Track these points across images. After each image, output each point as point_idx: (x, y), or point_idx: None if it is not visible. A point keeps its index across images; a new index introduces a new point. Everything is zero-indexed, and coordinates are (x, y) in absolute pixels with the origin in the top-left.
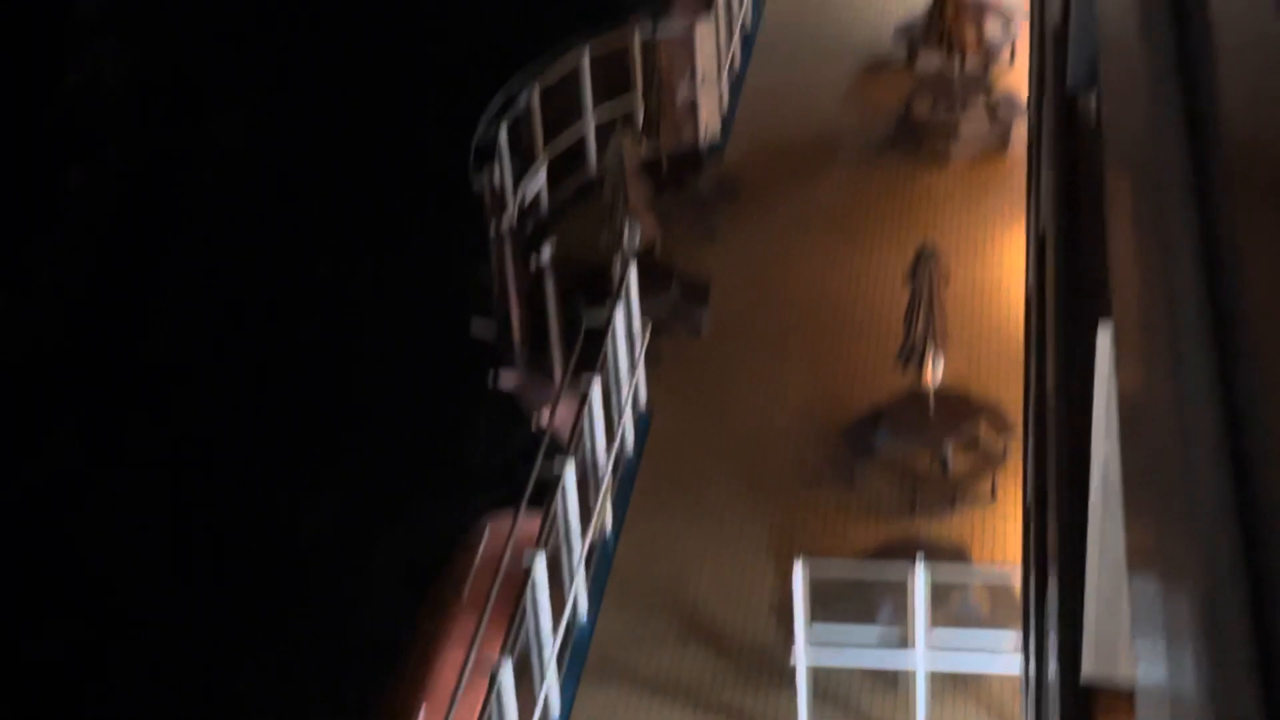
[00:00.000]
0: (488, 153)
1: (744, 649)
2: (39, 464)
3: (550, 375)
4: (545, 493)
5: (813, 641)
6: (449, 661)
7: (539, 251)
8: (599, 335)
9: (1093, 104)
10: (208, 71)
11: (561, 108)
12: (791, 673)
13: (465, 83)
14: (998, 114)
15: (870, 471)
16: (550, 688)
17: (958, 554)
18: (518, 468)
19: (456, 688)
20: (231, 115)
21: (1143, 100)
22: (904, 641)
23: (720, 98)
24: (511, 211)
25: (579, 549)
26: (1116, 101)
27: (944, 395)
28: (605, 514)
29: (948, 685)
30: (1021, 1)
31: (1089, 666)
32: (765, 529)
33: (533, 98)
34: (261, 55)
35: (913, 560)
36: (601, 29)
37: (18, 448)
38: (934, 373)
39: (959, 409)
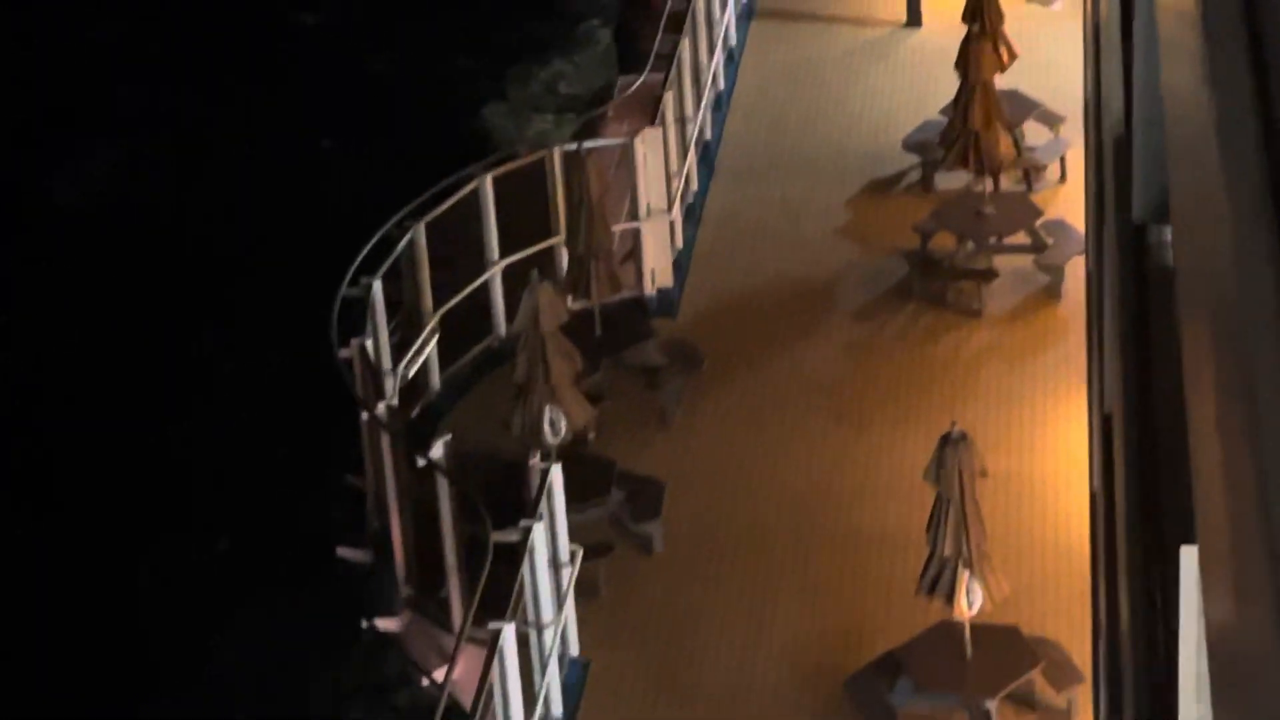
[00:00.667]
0: (358, 313)
1: None
2: None
3: (447, 617)
4: None
5: None
6: None
7: (428, 445)
8: (512, 560)
9: (1166, 239)
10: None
11: (457, 251)
12: None
13: (330, 223)
14: (1045, 250)
15: None
16: None
17: None
18: None
19: None
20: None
21: (1227, 246)
22: None
23: (672, 233)
24: (391, 391)
25: None
26: (1193, 243)
27: (984, 632)
28: None
29: None
30: (1073, 100)
31: None
32: None
33: (418, 239)
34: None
35: None
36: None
37: None
38: (970, 601)
39: (1005, 651)
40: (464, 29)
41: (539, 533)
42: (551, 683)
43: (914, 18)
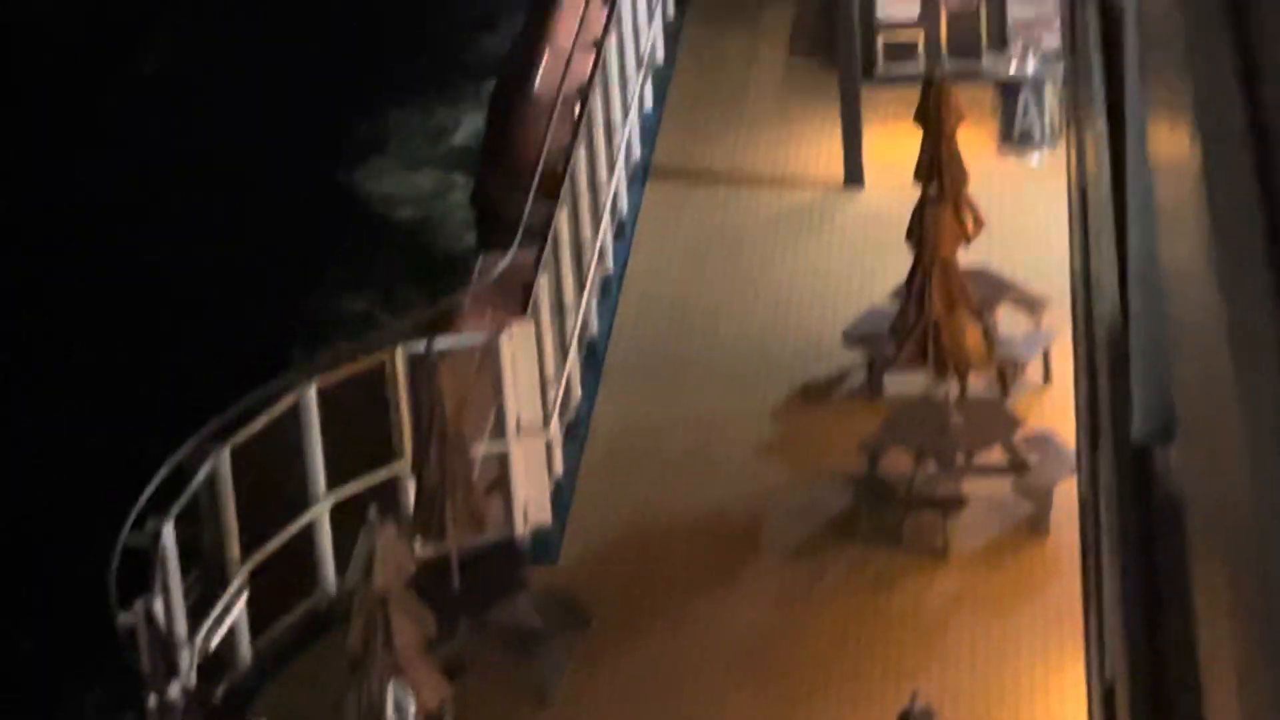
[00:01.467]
0: (143, 566)
1: None
2: None
3: None
4: None
5: None
6: None
7: None
8: None
9: (1173, 464)
10: None
11: (272, 483)
12: None
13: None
14: (1027, 471)
15: None
16: None
17: None
18: None
19: None
20: None
21: (1245, 478)
22: None
23: (549, 456)
24: (186, 668)
25: None
26: (1205, 472)
27: None
28: None
29: None
30: (1059, 281)
31: None
32: None
33: (220, 468)
34: None
35: None
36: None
37: None
38: None
39: None
40: (330, 76)
41: None
42: None
43: (854, 175)
